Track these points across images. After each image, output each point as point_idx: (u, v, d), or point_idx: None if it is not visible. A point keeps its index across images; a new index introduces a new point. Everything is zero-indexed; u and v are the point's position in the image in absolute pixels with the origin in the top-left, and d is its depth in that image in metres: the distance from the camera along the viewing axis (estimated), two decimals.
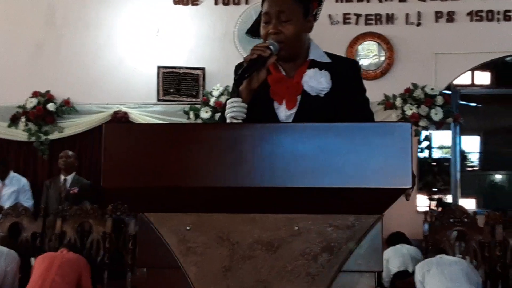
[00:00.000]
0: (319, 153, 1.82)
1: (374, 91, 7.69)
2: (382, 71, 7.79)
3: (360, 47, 7.86)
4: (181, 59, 8.20)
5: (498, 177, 14.45)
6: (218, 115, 7.90)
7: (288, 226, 1.91)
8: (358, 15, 7.93)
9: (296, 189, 1.82)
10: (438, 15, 7.82)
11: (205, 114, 7.92)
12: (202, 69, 8.12)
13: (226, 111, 2.34)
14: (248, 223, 1.91)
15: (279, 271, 1.89)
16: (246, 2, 8.11)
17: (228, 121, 2.31)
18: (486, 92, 10.12)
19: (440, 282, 5.10)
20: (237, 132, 1.86)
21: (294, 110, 2.60)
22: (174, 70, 8.17)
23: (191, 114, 8.00)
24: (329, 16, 7.94)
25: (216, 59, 8.09)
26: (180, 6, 8.27)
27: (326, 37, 7.92)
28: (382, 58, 7.83)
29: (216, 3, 8.20)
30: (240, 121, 2.28)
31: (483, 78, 11.09)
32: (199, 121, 7.94)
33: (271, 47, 2.48)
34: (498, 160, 13.65)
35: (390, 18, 7.88)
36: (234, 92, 2.55)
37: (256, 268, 1.89)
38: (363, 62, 7.81)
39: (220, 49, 8.10)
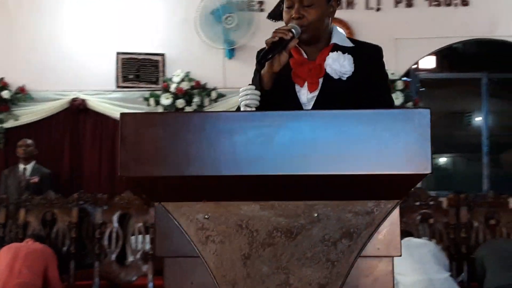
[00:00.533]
0: (338, 139, 1.81)
1: None
2: None
3: None
4: (140, 45, 8.09)
5: (442, 160, 14.73)
6: (179, 101, 7.89)
7: (308, 213, 1.91)
8: None
9: (315, 176, 1.81)
10: (397, 0, 7.91)
11: (165, 100, 7.85)
12: (162, 55, 8.04)
13: (240, 99, 2.33)
14: (267, 210, 1.91)
15: (299, 258, 1.89)
16: None
17: (242, 109, 2.29)
18: (440, 76, 10.26)
19: (409, 264, 5.18)
20: (256, 120, 1.85)
21: (315, 92, 2.60)
22: (133, 56, 8.07)
23: (152, 101, 7.92)
24: None
25: (176, 45, 8.03)
26: None
27: None
28: None
29: None
30: (253, 109, 2.26)
31: (429, 62, 11.25)
32: (159, 108, 7.86)
33: (293, 30, 2.50)
34: (443, 143, 13.90)
35: (350, 3, 7.94)
36: (256, 76, 2.56)
37: (276, 255, 1.89)
38: None
39: (180, 34, 8.03)
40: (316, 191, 1.89)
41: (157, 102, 7.90)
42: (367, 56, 2.63)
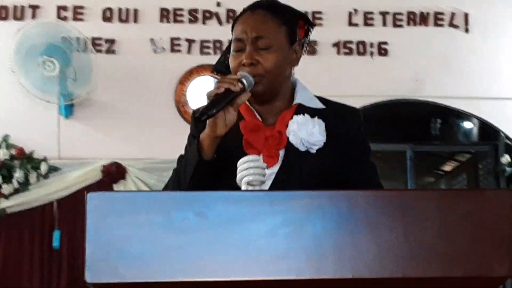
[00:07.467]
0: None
1: None
2: None
3: (193, 86, 5.82)
4: None
5: None
6: None
7: None
8: (190, 41, 5.89)
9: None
10: None
11: None
12: None
13: (240, 174, 1.77)
14: None
15: None
16: None
17: (243, 187, 1.74)
18: None
19: None
20: (279, 205, 1.40)
21: (275, 168, 2.09)
22: None
23: None
24: (152, 40, 5.86)
25: None
26: None
27: (146, 70, 5.84)
28: None
29: None
30: (257, 187, 1.74)
31: None
32: None
33: (243, 80, 2.00)
34: None
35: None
36: (191, 142, 2.08)
37: None
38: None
39: None
40: None
41: None
42: (342, 122, 2.15)
